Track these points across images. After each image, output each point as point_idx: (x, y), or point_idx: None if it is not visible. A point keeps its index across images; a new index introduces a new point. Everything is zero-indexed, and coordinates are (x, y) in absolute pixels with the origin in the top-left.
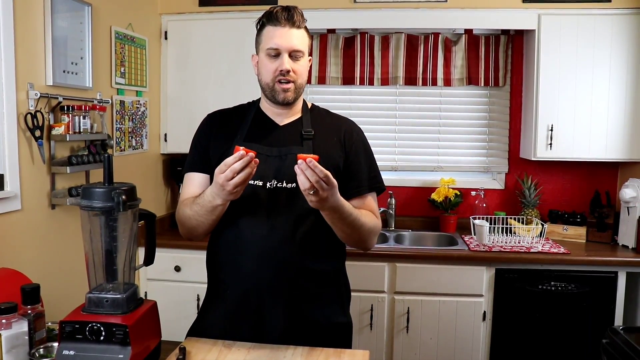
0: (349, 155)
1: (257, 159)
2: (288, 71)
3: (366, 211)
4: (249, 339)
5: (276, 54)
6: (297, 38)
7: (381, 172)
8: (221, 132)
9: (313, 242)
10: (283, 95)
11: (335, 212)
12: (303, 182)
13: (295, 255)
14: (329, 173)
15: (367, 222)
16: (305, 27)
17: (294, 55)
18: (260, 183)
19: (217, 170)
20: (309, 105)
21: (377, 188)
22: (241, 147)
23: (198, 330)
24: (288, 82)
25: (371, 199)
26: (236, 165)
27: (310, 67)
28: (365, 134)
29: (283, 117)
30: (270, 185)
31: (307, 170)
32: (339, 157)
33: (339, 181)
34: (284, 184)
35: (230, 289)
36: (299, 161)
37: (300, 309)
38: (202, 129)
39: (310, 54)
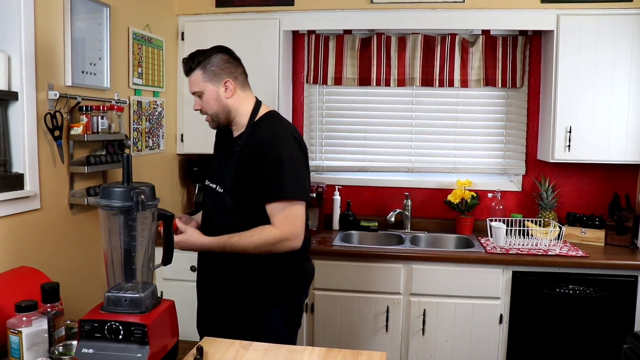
0: (258, 168)
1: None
2: (198, 110)
3: (254, 230)
4: (215, 324)
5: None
6: (191, 84)
7: (397, 173)
8: (217, 137)
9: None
10: (209, 124)
11: (209, 250)
12: None
13: (225, 255)
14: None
15: (249, 244)
16: (200, 65)
17: (197, 94)
18: (214, 185)
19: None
20: (258, 117)
21: (278, 198)
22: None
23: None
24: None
25: (271, 209)
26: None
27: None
28: (381, 134)
29: (235, 131)
30: (214, 186)
31: None
32: (252, 169)
33: (256, 190)
34: (216, 187)
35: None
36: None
37: (234, 303)
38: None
39: (226, 79)
